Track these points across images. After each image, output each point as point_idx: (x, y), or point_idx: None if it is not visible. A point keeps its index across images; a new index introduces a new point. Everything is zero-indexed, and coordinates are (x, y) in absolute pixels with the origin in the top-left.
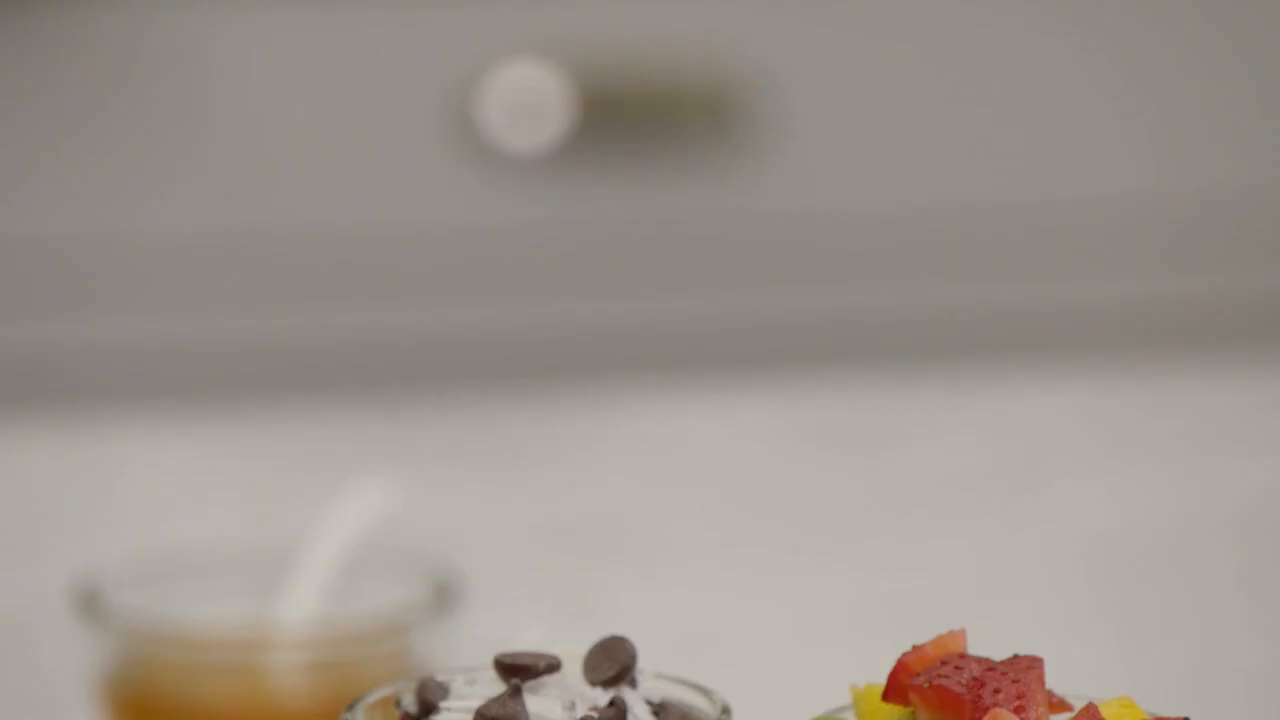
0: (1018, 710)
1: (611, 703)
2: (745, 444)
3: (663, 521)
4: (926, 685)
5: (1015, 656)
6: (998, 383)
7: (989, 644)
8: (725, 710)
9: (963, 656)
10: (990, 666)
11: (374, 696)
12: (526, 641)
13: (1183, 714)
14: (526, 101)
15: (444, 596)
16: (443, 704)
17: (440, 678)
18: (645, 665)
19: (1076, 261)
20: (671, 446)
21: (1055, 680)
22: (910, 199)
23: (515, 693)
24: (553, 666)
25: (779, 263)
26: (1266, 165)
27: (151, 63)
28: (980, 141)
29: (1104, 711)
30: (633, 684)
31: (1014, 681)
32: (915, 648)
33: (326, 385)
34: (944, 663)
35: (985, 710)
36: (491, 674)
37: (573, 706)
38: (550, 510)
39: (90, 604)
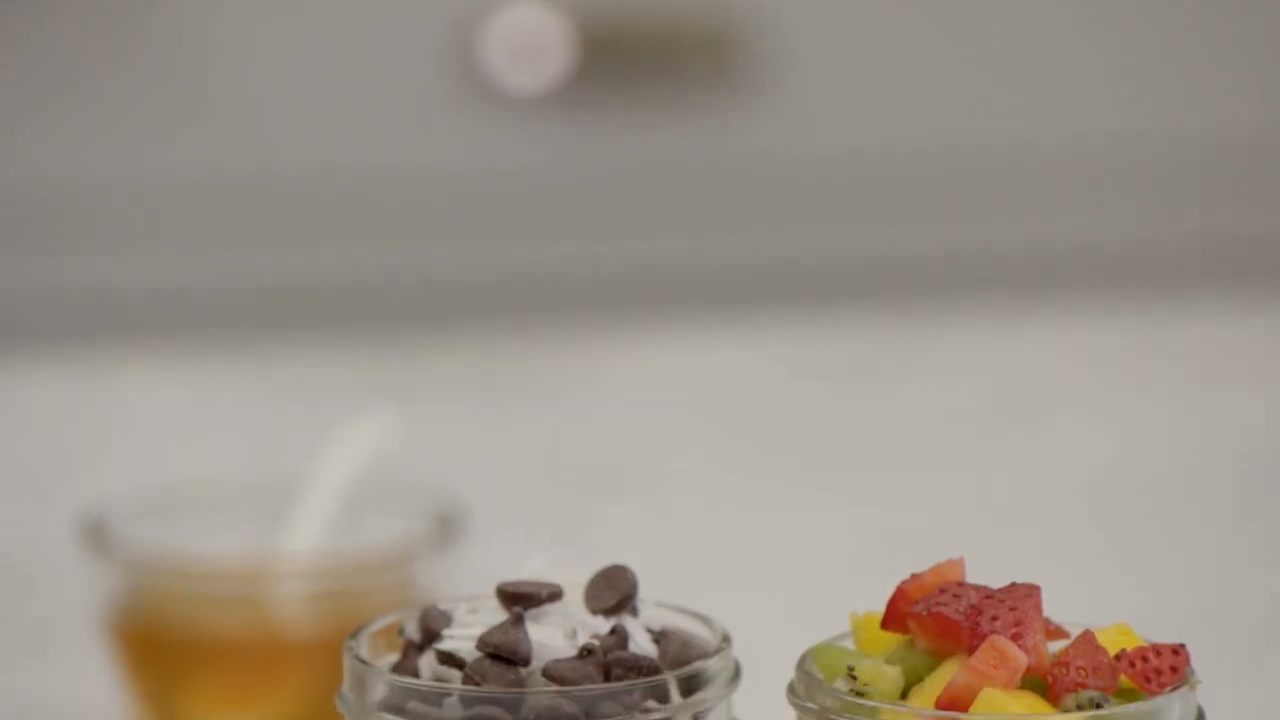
0: (1015, 637)
1: (613, 631)
2: (745, 381)
3: (663, 457)
4: (925, 613)
5: (1013, 584)
6: (998, 320)
7: (988, 575)
8: (725, 638)
9: (961, 585)
10: (988, 594)
11: (377, 625)
12: (529, 571)
13: (1179, 641)
14: (527, 43)
15: (446, 529)
16: (446, 632)
17: (443, 606)
18: (646, 595)
19: (1076, 200)
20: (672, 384)
21: (1053, 609)
22: (909, 139)
23: (517, 621)
24: (554, 595)
25: (778, 202)
26: (1268, 103)
27: (154, 3)
28: (978, 80)
29: (1101, 638)
30: (634, 612)
31: (1011, 609)
32: (914, 576)
33: (329, 324)
34: (942, 591)
35: (983, 638)
36: (494, 603)
37: (574, 635)
38: (551, 446)
39: (96, 537)
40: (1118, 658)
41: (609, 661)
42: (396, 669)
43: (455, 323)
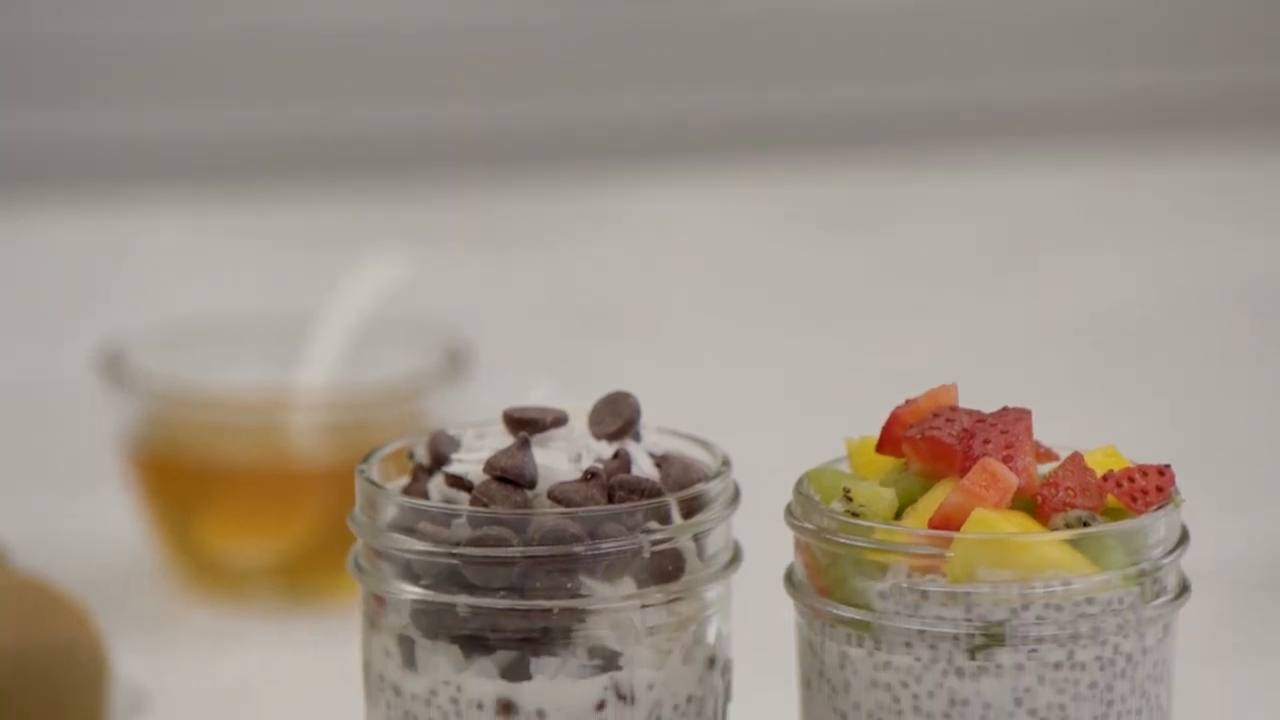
0: (1006, 460)
1: (616, 455)
2: (744, 226)
3: (665, 299)
4: (918, 436)
5: (1004, 409)
6: (992, 166)
7: (980, 404)
8: (725, 462)
9: (954, 409)
10: (980, 418)
11: (388, 450)
12: (535, 397)
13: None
14: None
15: (455, 363)
16: (454, 456)
17: (451, 432)
18: (648, 424)
19: (1068, 47)
20: (673, 229)
21: (1043, 433)
22: None
23: (523, 445)
24: (559, 420)
25: (774, 54)
26: None
27: None
28: None
29: (1089, 460)
30: (636, 437)
31: (1003, 432)
32: (908, 401)
33: (342, 172)
34: (935, 415)
35: (975, 460)
36: (500, 428)
37: (578, 458)
38: (556, 289)
39: (115, 367)
40: (1105, 478)
41: (612, 484)
42: (406, 491)
43: (465, 171)
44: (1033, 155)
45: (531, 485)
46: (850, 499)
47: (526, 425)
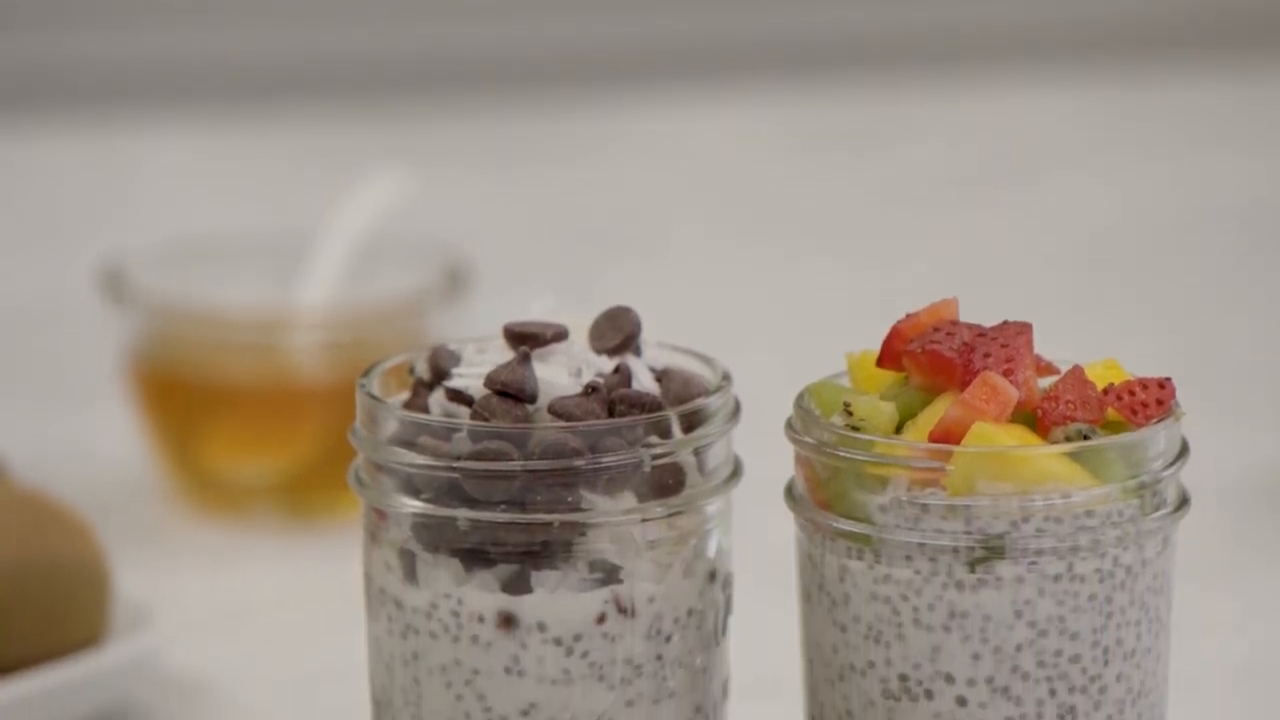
0: (1006, 373)
1: (616, 369)
2: (745, 147)
3: (666, 220)
4: (919, 350)
5: (1005, 323)
6: (992, 85)
7: (981, 319)
8: (726, 377)
9: (954, 323)
10: (981, 332)
11: (388, 364)
12: (535, 312)
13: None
14: None
15: (456, 282)
16: (454, 371)
17: (451, 346)
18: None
19: None
20: (674, 149)
21: (1044, 348)
22: None
23: (524, 359)
24: (560, 335)
25: None
26: None
27: None
28: None
29: (1089, 373)
30: (637, 352)
31: (1003, 346)
32: (908, 315)
33: (342, 91)
34: (936, 329)
35: (975, 373)
36: (501, 343)
37: (579, 373)
38: (557, 209)
39: (116, 285)
40: (1105, 391)
41: (613, 398)
42: (407, 406)
43: (467, 90)
44: (1033, 75)
45: (532, 400)
46: (850, 413)
47: (527, 340)
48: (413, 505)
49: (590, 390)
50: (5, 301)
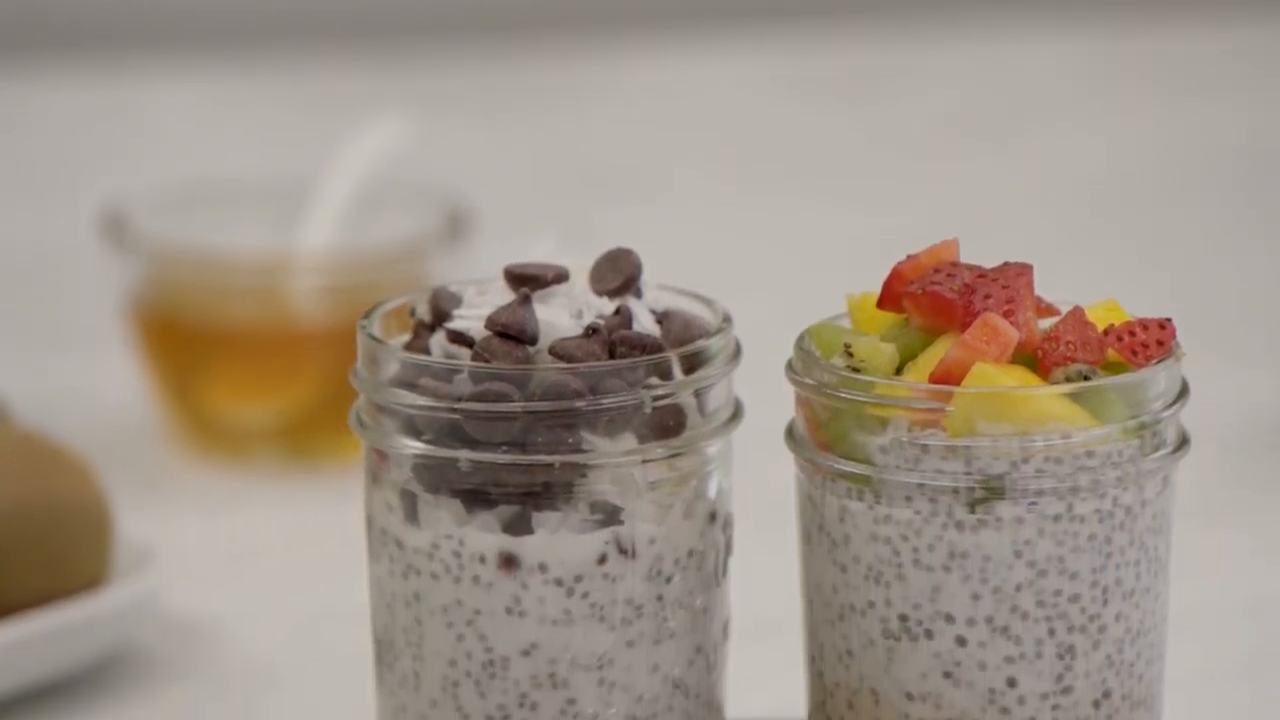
0: (1007, 314)
1: (617, 311)
2: (745, 92)
3: (666, 163)
4: (919, 291)
5: (1005, 264)
6: (989, 32)
7: (982, 261)
8: (726, 319)
9: (955, 264)
10: (981, 273)
11: (389, 306)
12: (537, 253)
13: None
14: None
15: (456, 226)
16: (455, 312)
17: (453, 288)
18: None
19: None
20: (675, 95)
21: (1045, 291)
22: None
23: (524, 301)
24: (561, 277)
25: None
26: None
27: None
28: None
29: (1090, 314)
30: (637, 294)
31: (1004, 287)
32: (909, 256)
33: (344, 36)
34: (937, 270)
35: (976, 314)
36: (502, 285)
37: (580, 315)
38: (558, 153)
39: (117, 229)
40: (1106, 332)
41: (614, 340)
42: (408, 347)
43: (468, 36)
44: (1034, 22)
45: (533, 341)
46: (851, 354)
47: (528, 281)
48: (414, 446)
49: (591, 332)
50: (7, 245)
